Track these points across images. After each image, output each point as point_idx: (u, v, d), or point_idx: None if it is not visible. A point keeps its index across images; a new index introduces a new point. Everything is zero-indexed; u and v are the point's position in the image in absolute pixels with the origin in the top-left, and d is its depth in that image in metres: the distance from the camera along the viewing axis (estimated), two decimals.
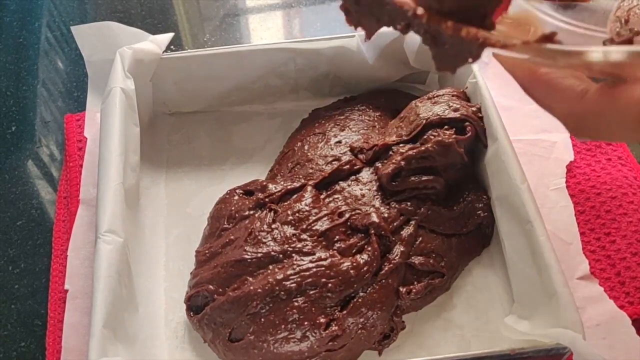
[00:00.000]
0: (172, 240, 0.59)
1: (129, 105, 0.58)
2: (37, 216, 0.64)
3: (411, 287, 0.52)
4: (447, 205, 0.56)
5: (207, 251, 0.55)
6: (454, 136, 0.55)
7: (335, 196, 0.56)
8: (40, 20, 0.85)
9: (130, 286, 0.51)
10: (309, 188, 0.56)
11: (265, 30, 0.83)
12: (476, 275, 0.56)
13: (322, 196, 0.56)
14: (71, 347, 0.51)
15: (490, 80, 0.65)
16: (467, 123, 0.56)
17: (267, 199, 0.55)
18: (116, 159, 0.54)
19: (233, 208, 0.56)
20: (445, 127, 0.56)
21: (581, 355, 0.42)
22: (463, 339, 0.52)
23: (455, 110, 0.57)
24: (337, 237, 0.52)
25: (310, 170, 0.58)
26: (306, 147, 0.61)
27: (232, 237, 0.54)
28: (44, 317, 0.56)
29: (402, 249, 0.53)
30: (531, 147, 0.63)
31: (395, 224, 0.54)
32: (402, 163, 0.55)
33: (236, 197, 0.57)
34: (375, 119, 0.63)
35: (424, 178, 0.55)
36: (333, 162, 0.58)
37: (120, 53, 0.60)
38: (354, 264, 0.50)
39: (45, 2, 0.88)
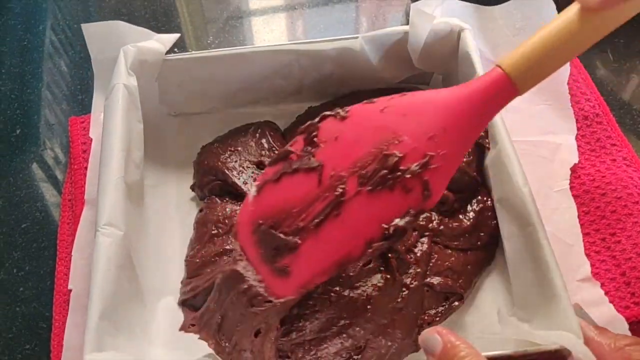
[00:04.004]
0: (179, 240, 0.59)
1: (132, 101, 0.58)
2: (41, 219, 0.64)
3: (432, 314, 0.51)
4: (457, 216, 0.56)
5: (197, 259, 0.54)
6: (464, 160, 0.55)
7: None
8: (45, 23, 0.85)
9: (133, 280, 0.51)
10: None
11: (269, 33, 0.83)
12: (480, 276, 0.56)
13: None
14: (72, 346, 0.51)
15: None
16: None
17: None
18: (117, 154, 0.54)
19: (220, 214, 0.56)
20: None
21: (581, 358, 0.42)
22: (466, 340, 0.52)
23: None
24: None
25: None
26: None
27: (226, 247, 0.53)
28: (48, 319, 0.56)
29: (418, 270, 0.51)
30: (535, 148, 0.62)
31: (408, 241, 0.52)
32: None
33: (219, 202, 0.57)
34: None
35: None
36: None
37: (124, 50, 0.60)
38: (370, 299, 0.49)
39: (49, 5, 0.88)
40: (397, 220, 0.41)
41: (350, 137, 0.44)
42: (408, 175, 0.41)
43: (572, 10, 0.37)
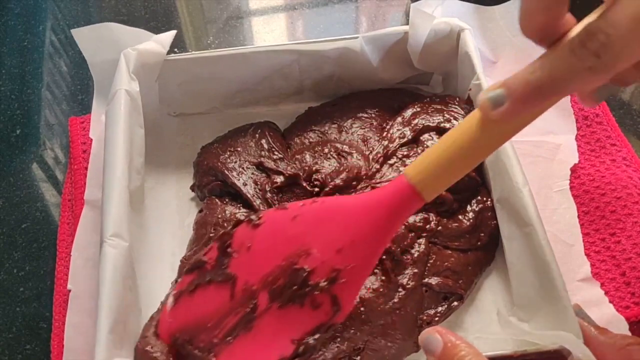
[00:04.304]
0: (178, 241, 0.59)
1: (134, 107, 0.58)
2: (41, 219, 0.64)
3: (431, 314, 0.51)
4: (456, 217, 0.55)
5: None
6: None
7: None
8: (45, 24, 0.85)
9: (135, 289, 0.51)
10: None
11: (269, 33, 0.83)
12: (480, 276, 0.56)
13: None
14: (73, 347, 0.51)
15: (498, 79, 0.65)
16: None
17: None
18: (121, 162, 0.54)
19: (219, 216, 0.56)
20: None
21: (581, 358, 0.42)
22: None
23: (448, 121, 0.57)
24: None
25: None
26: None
27: None
28: (49, 319, 0.56)
29: (415, 271, 0.51)
30: (536, 148, 0.62)
31: (404, 242, 0.52)
32: None
33: (219, 203, 0.57)
34: (374, 115, 0.63)
35: None
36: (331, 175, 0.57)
37: (124, 54, 0.60)
38: (363, 301, 0.49)
39: (49, 5, 0.88)
40: (307, 338, 0.41)
41: (262, 248, 0.43)
42: (317, 292, 0.41)
43: (474, 119, 0.36)
